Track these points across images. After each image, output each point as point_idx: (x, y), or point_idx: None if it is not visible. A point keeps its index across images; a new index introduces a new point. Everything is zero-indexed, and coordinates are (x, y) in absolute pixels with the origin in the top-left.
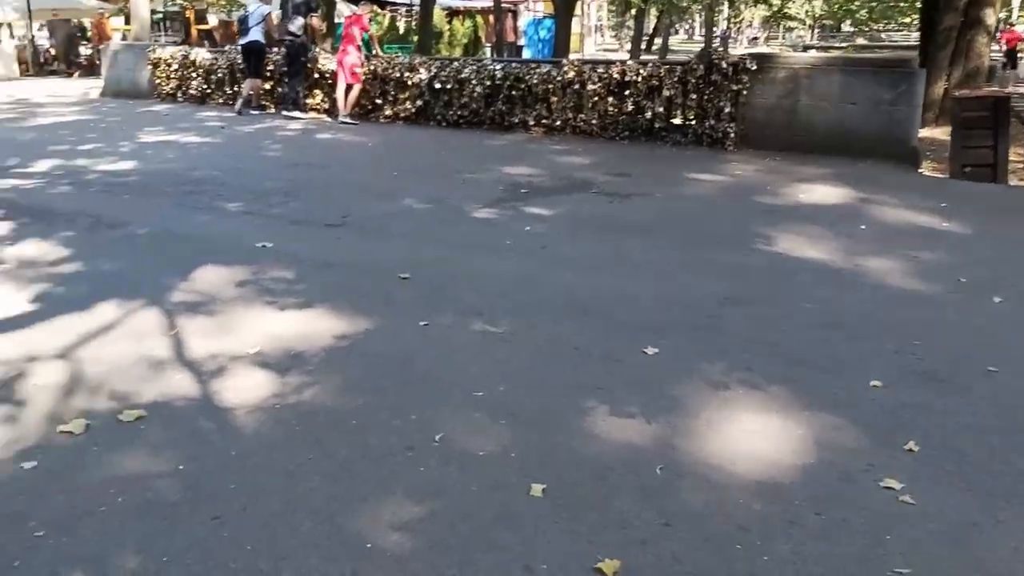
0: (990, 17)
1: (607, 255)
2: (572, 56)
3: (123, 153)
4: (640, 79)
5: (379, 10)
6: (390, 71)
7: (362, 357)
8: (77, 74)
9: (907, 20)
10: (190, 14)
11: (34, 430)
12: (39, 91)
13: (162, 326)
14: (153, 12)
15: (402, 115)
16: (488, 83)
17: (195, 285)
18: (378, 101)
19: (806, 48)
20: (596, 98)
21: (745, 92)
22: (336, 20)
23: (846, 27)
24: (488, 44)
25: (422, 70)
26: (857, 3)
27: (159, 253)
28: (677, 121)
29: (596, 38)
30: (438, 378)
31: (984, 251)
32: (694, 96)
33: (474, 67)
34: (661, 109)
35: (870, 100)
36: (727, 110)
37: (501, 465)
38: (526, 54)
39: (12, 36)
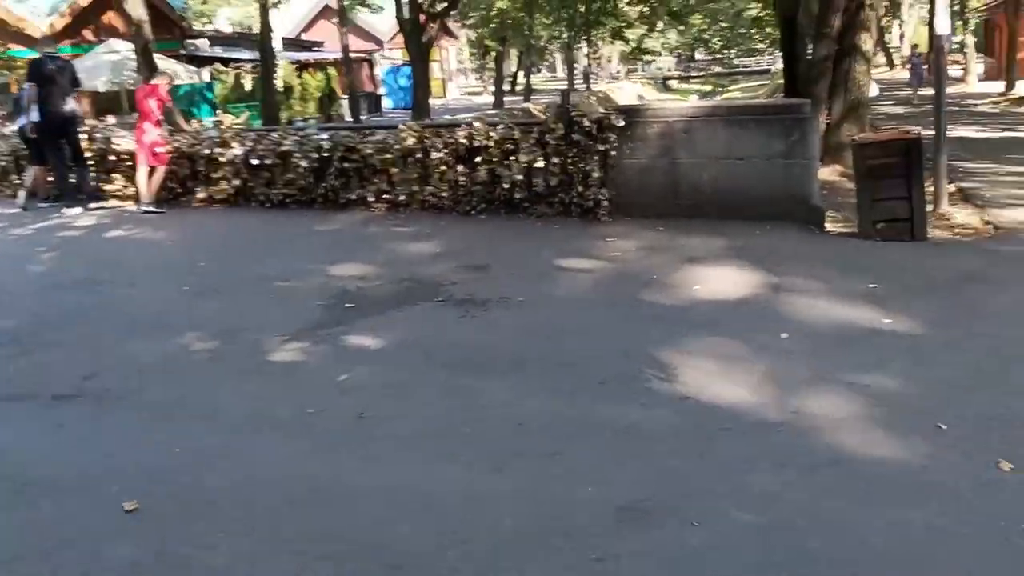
0: (867, 43)
1: (452, 423)
2: (433, 102)
3: None
4: (492, 143)
5: (223, 67)
6: (198, 147)
7: None
8: None
9: (757, 47)
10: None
11: None
12: None
13: None
14: None
15: (218, 197)
16: (315, 156)
17: None
18: (189, 183)
19: (666, 79)
20: (443, 167)
21: (614, 152)
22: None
23: (700, 55)
24: (346, 95)
25: (235, 145)
26: (709, 33)
27: None
28: (540, 189)
29: (460, 80)
30: None
31: (954, 365)
32: (556, 160)
33: (296, 138)
34: (520, 177)
35: (760, 154)
36: (596, 174)
37: None
38: (387, 103)
39: None
